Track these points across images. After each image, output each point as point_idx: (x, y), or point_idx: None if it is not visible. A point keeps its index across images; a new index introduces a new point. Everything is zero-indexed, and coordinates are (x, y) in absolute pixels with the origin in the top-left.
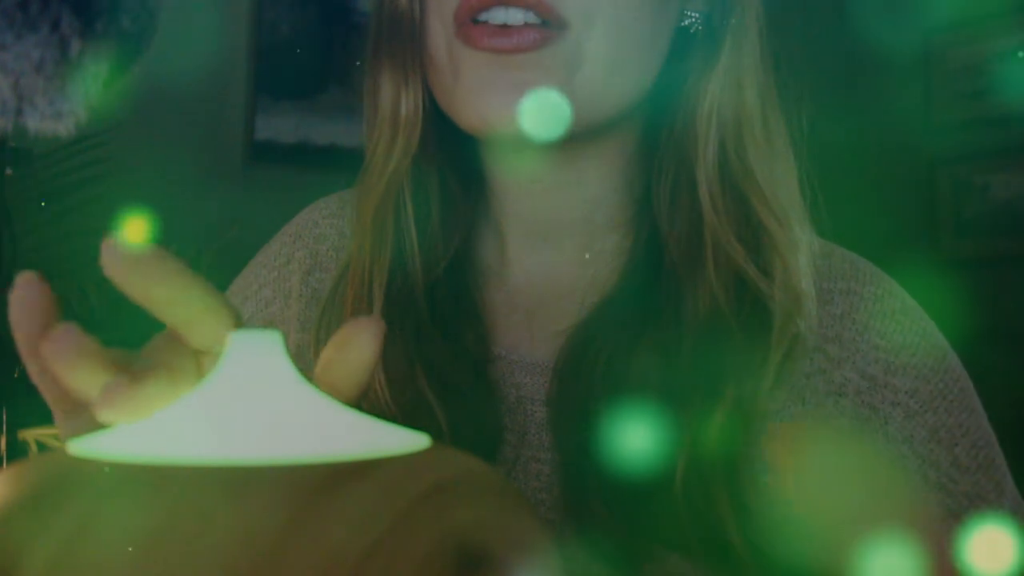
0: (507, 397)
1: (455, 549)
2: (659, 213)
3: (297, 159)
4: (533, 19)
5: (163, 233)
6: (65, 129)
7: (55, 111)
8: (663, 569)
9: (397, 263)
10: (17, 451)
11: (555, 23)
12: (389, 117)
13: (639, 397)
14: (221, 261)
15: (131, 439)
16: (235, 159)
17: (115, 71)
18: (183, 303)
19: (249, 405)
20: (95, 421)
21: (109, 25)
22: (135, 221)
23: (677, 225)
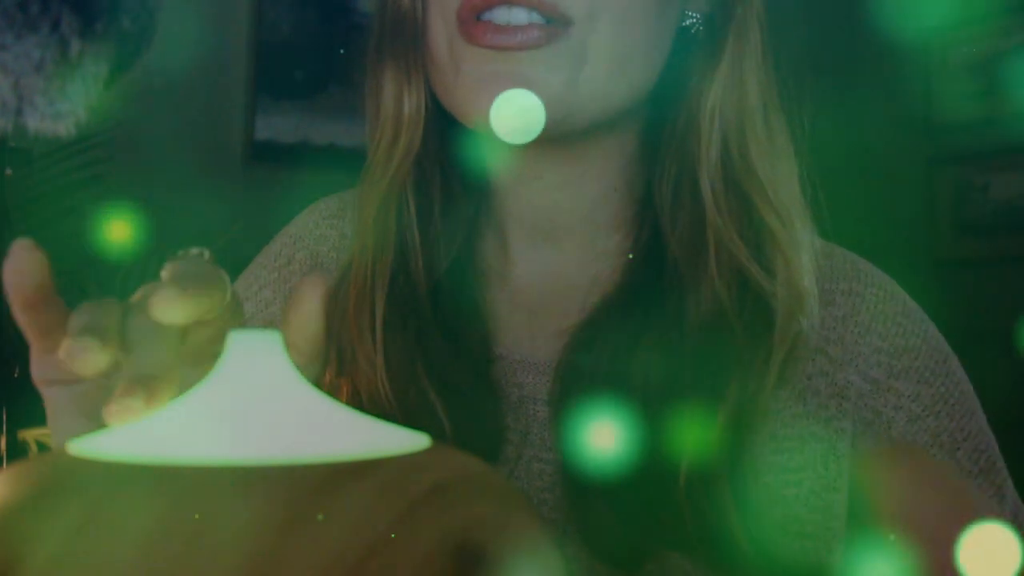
0: (509, 397)
1: (455, 549)
2: (661, 212)
3: (297, 159)
4: (537, 19)
5: (163, 233)
6: (65, 129)
7: (55, 111)
8: (665, 568)
9: (399, 263)
10: (17, 451)
11: (559, 21)
12: (392, 116)
13: (641, 396)
14: (221, 261)
15: (131, 439)
16: (235, 159)
17: (115, 71)
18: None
19: (249, 405)
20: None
21: (109, 25)
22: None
23: (679, 224)
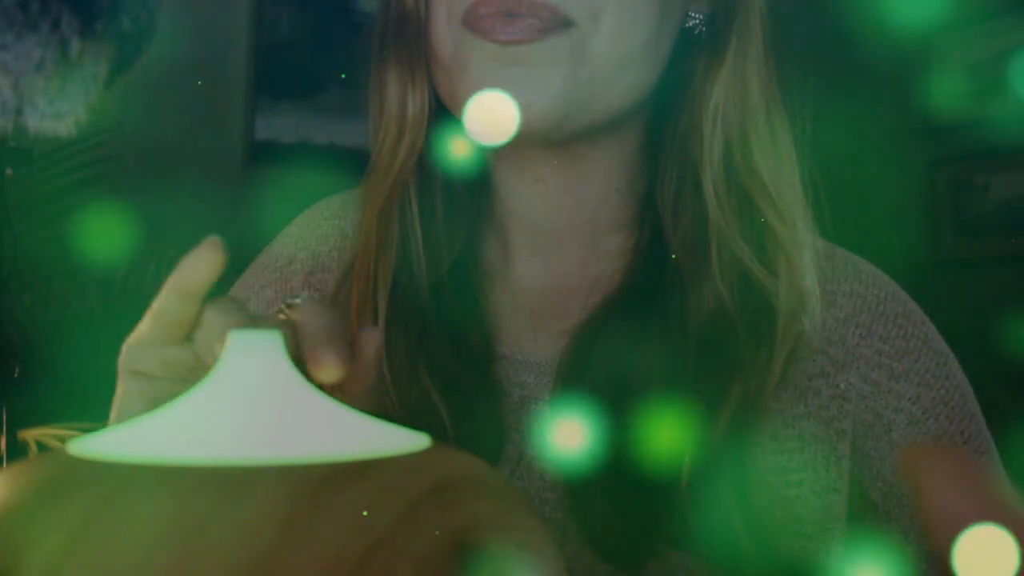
0: (511, 396)
1: (455, 549)
2: (663, 212)
3: (297, 159)
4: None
5: (163, 233)
6: (65, 129)
7: (55, 111)
8: (666, 568)
9: (401, 263)
10: (17, 451)
11: (561, 22)
12: (396, 116)
13: (643, 396)
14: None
15: (131, 439)
16: (235, 159)
17: (115, 71)
18: None
19: (249, 405)
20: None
21: (109, 25)
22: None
23: (681, 224)
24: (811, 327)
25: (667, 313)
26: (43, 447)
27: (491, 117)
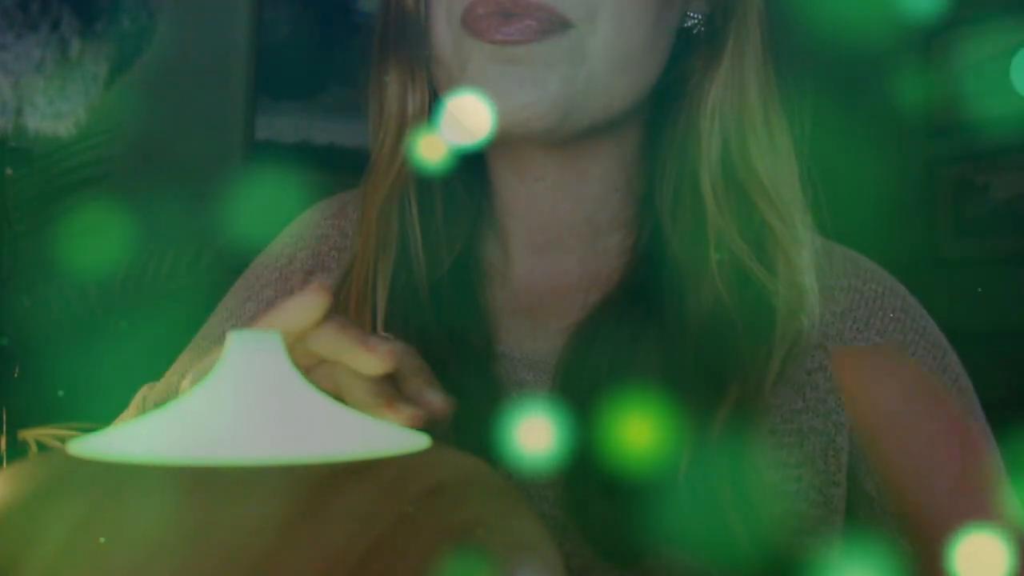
0: (510, 395)
1: (455, 549)
2: (662, 211)
3: (297, 159)
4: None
5: (164, 233)
6: (65, 129)
7: (55, 111)
8: (664, 564)
9: (401, 262)
10: (17, 451)
11: (559, 23)
12: (396, 115)
13: (641, 393)
14: (221, 261)
15: (131, 439)
16: (235, 159)
17: (115, 71)
18: None
19: (249, 405)
20: None
21: (109, 25)
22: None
23: (680, 223)
24: (810, 325)
25: (666, 311)
26: (43, 447)
27: (468, 118)
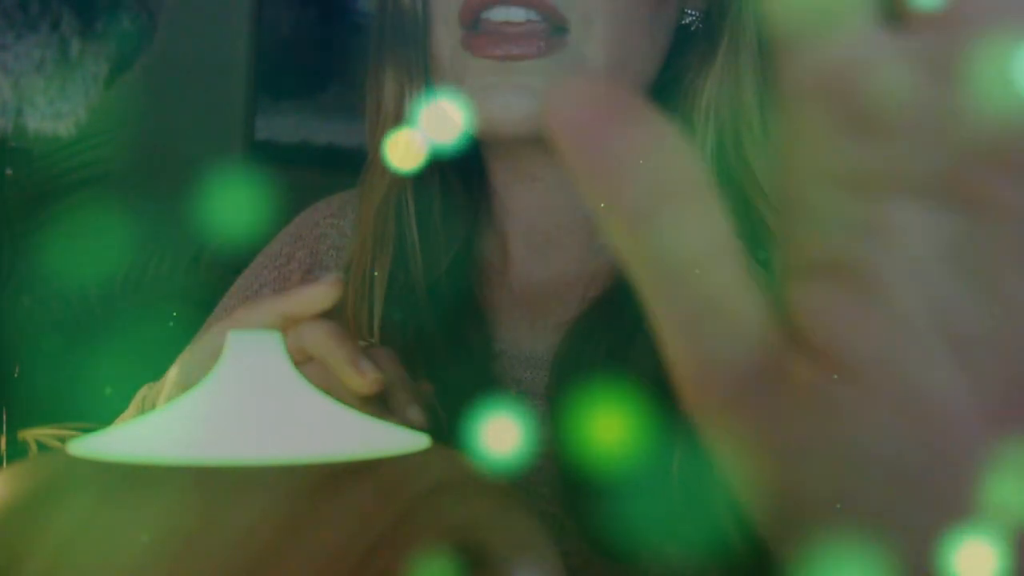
0: (509, 392)
1: (455, 549)
2: None
3: (297, 159)
4: (534, 16)
5: (164, 233)
6: (65, 129)
7: (55, 111)
8: (663, 561)
9: (398, 262)
10: (17, 451)
11: (556, 22)
12: (393, 115)
13: (638, 390)
14: (221, 261)
15: (131, 439)
16: (235, 159)
17: (115, 71)
18: None
19: (249, 405)
20: None
21: (109, 25)
22: None
23: None
24: None
25: None
26: (43, 447)
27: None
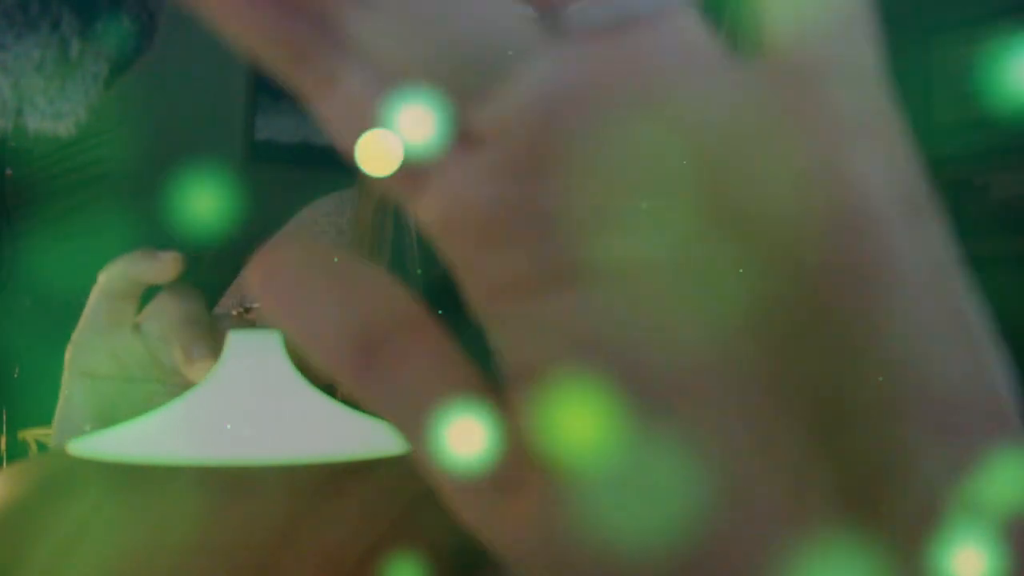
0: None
1: (455, 549)
2: None
3: (297, 159)
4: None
5: (163, 234)
6: (65, 129)
7: (55, 111)
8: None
9: (395, 262)
10: (17, 451)
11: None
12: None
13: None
14: (222, 261)
15: (131, 439)
16: (235, 159)
17: (115, 71)
18: None
19: (249, 405)
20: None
21: (109, 25)
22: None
23: None
24: None
25: None
26: (43, 447)
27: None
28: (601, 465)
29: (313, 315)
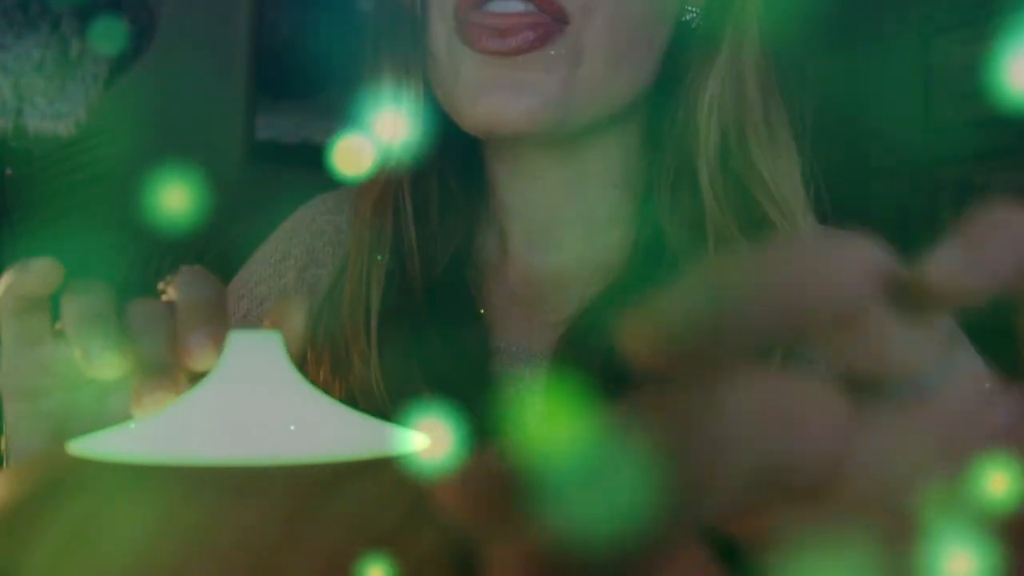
0: (507, 390)
1: (455, 549)
2: (660, 207)
3: (297, 159)
4: (532, 9)
5: (163, 233)
6: (65, 129)
7: (55, 111)
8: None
9: (395, 261)
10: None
11: (554, 13)
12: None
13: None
14: (222, 261)
15: (131, 439)
16: (235, 159)
17: (115, 71)
18: None
19: (249, 405)
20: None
21: (109, 25)
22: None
23: (679, 219)
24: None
25: None
26: None
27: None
28: None
29: None
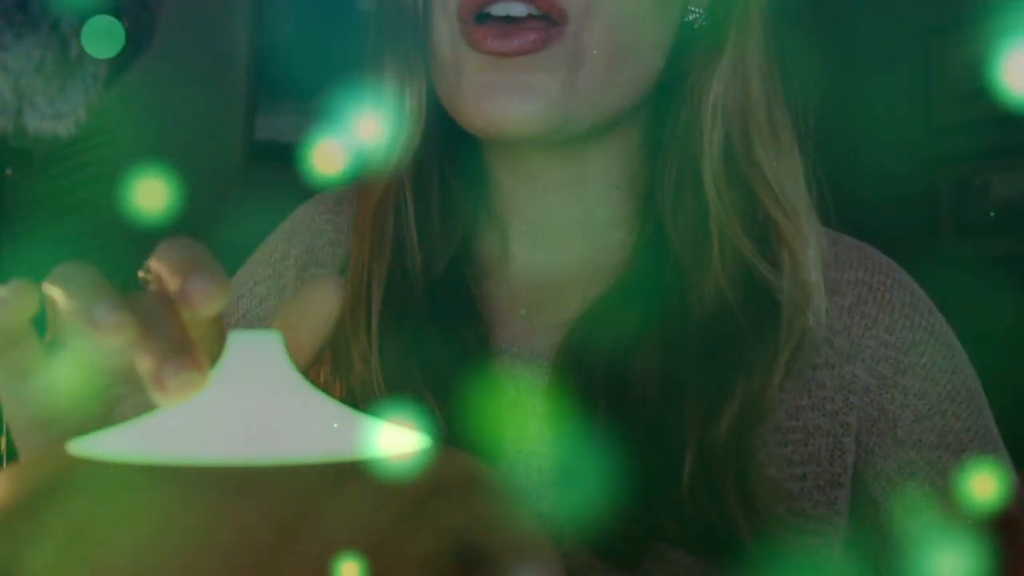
0: (507, 391)
1: (455, 549)
2: (663, 207)
3: (297, 159)
4: (535, 12)
5: (163, 233)
6: (65, 129)
7: (55, 111)
8: (664, 564)
9: (396, 261)
10: (17, 451)
11: (556, 16)
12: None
13: (641, 390)
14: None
15: (131, 439)
16: (235, 159)
17: (115, 71)
18: None
19: (249, 405)
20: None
21: (109, 25)
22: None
23: (682, 220)
24: (816, 322)
25: (667, 308)
26: None
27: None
28: None
29: None
